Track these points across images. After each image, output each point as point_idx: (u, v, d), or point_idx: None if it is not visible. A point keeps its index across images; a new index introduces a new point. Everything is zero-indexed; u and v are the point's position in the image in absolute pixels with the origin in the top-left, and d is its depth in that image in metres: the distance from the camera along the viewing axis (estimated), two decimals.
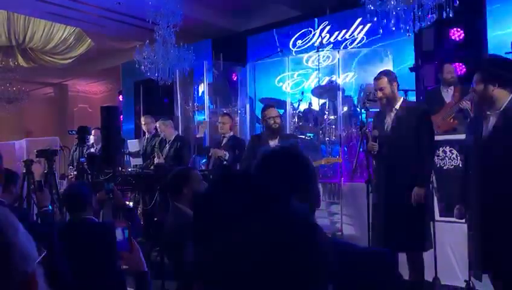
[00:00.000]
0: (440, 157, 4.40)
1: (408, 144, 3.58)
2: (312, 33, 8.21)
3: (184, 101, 8.37)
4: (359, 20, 7.40)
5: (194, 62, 7.12)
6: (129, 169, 6.47)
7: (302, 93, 7.36)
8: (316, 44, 7.87)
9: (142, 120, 7.17)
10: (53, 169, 4.67)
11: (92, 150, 6.84)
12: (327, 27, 7.98)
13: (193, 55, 6.98)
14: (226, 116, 5.78)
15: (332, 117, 6.58)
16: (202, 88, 8.46)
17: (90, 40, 9.88)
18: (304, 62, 7.97)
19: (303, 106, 7.12)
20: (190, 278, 0.67)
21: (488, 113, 3.06)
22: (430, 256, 3.89)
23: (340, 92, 6.58)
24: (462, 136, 4.25)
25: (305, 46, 8.26)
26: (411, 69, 6.19)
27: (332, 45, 7.80)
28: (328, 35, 7.97)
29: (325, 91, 6.89)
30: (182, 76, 7.08)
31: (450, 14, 4.27)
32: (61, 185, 5.96)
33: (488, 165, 2.98)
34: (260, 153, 1.30)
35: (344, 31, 7.80)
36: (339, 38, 7.86)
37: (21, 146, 6.55)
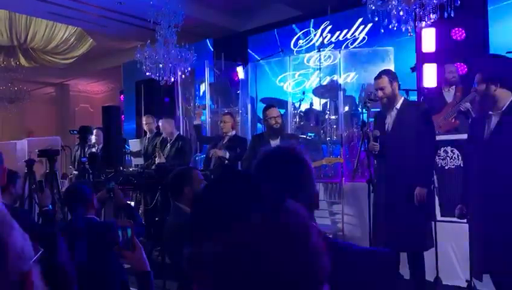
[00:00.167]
0: (441, 157, 4.40)
1: (409, 144, 3.57)
2: (313, 33, 8.22)
3: (185, 101, 8.37)
4: (360, 20, 7.40)
5: (195, 62, 7.12)
6: (130, 169, 6.48)
7: (303, 93, 7.36)
8: (317, 44, 7.88)
9: (144, 120, 7.17)
10: (55, 169, 4.67)
11: (94, 150, 6.85)
12: (328, 27, 7.98)
13: (194, 55, 6.98)
14: (228, 115, 5.78)
15: (333, 117, 6.58)
16: (203, 88, 8.46)
17: (91, 40, 9.89)
18: (305, 62, 7.96)
19: (304, 106, 7.12)
20: (187, 278, 0.66)
21: (490, 113, 3.06)
22: (431, 256, 3.88)
23: (341, 92, 6.58)
24: (464, 136, 4.25)
25: (306, 45, 8.27)
26: (412, 69, 6.17)
27: (333, 45, 7.80)
28: (330, 35, 7.97)
29: (326, 91, 6.89)
30: (183, 76, 7.07)
31: (452, 14, 4.26)
32: (62, 185, 5.97)
33: (490, 165, 2.98)
34: (259, 153, 1.30)
35: (345, 31, 7.81)
36: (340, 38, 7.86)
37: (22, 146, 6.56)
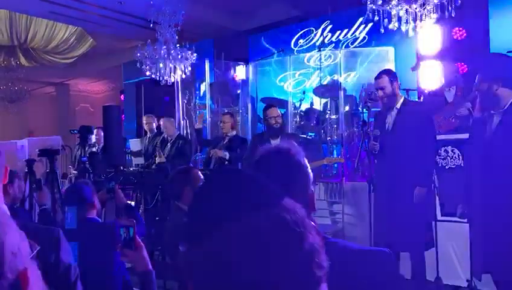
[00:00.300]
0: (442, 156, 4.39)
1: (409, 144, 3.57)
2: (314, 32, 8.21)
3: (186, 101, 8.37)
4: (361, 19, 7.38)
5: (196, 61, 7.11)
6: (131, 168, 6.48)
7: (304, 92, 7.36)
8: (318, 43, 7.87)
9: (144, 119, 7.18)
10: (55, 168, 4.67)
11: (94, 149, 6.85)
12: (329, 26, 7.97)
13: (194, 54, 6.98)
14: (227, 115, 5.77)
15: (333, 116, 6.57)
16: (204, 87, 8.45)
17: (91, 40, 9.87)
18: (306, 61, 7.96)
19: (304, 106, 7.12)
20: (184, 277, 0.66)
21: (492, 112, 3.05)
22: (432, 255, 3.88)
23: (341, 92, 6.57)
24: (465, 135, 4.24)
25: (306, 45, 8.26)
26: (413, 69, 6.17)
27: (333, 44, 7.80)
28: (330, 34, 7.96)
29: (327, 90, 6.89)
30: (184, 75, 7.07)
31: (452, 14, 4.25)
32: (63, 185, 5.98)
33: (491, 164, 2.97)
34: (257, 153, 1.29)
35: (346, 31, 7.80)
36: (341, 37, 7.86)
37: (23, 145, 6.55)
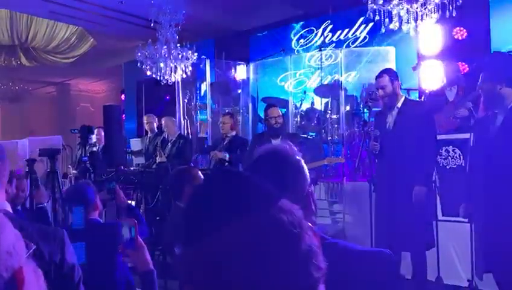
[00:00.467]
0: (443, 156, 4.38)
1: (410, 143, 3.56)
2: (314, 32, 8.21)
3: (186, 101, 8.37)
4: (362, 19, 7.38)
5: (196, 61, 7.11)
6: (131, 168, 6.48)
7: (305, 92, 7.35)
8: (319, 43, 7.87)
9: (145, 119, 7.18)
10: (56, 168, 4.66)
11: (94, 149, 6.85)
12: (329, 26, 7.97)
13: (195, 54, 6.97)
14: (227, 115, 5.75)
15: (334, 116, 6.57)
16: (204, 87, 8.45)
17: (92, 39, 9.87)
18: (306, 61, 7.96)
19: (305, 105, 7.11)
20: (180, 278, 0.66)
21: (496, 111, 3.05)
22: (433, 255, 3.88)
23: (342, 91, 6.57)
24: (466, 135, 4.23)
25: (307, 45, 8.26)
26: (413, 68, 6.16)
27: (334, 44, 7.79)
28: (331, 34, 7.96)
29: (328, 90, 6.88)
30: (184, 75, 7.07)
31: (453, 13, 4.25)
32: (63, 184, 5.97)
33: (495, 163, 2.97)
34: (255, 153, 1.28)
35: (346, 30, 7.80)
36: (342, 37, 7.85)
37: (23, 145, 6.55)
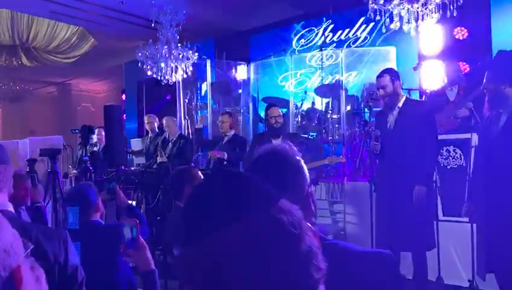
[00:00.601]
0: (444, 156, 4.38)
1: (411, 143, 3.55)
2: (315, 32, 8.21)
3: (187, 100, 8.37)
4: (362, 19, 7.38)
5: (197, 61, 7.12)
6: (132, 168, 6.48)
7: (305, 92, 7.35)
8: (319, 43, 7.87)
9: (145, 119, 7.18)
10: (56, 168, 4.67)
11: (95, 149, 6.85)
12: (330, 26, 7.97)
13: (196, 54, 6.97)
14: (226, 115, 5.75)
15: (335, 116, 6.56)
16: (205, 87, 8.45)
17: (93, 39, 9.87)
18: (307, 61, 7.96)
19: (306, 105, 7.11)
20: (180, 278, 0.66)
21: (500, 111, 3.04)
22: (433, 255, 3.88)
23: (343, 91, 6.56)
24: (466, 135, 4.23)
25: (308, 45, 8.26)
26: (414, 68, 6.16)
27: (335, 44, 7.79)
28: (331, 34, 7.96)
29: (329, 90, 6.87)
30: (185, 75, 7.08)
31: (454, 13, 4.25)
32: (64, 185, 5.98)
33: (497, 163, 2.96)
34: (255, 153, 1.28)
35: (347, 30, 7.79)
36: (342, 37, 7.85)
37: (24, 145, 6.56)
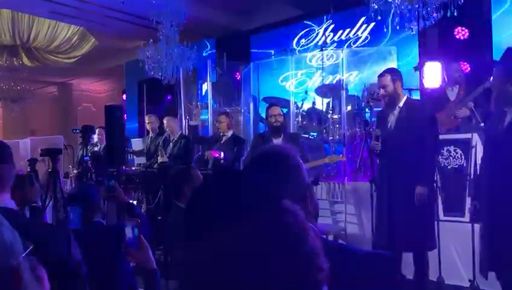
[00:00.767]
0: (444, 156, 4.38)
1: (411, 143, 3.55)
2: (316, 32, 8.20)
3: (187, 100, 8.37)
4: (363, 19, 7.38)
5: (198, 61, 7.12)
6: (133, 168, 6.48)
7: (306, 92, 7.34)
8: (320, 43, 7.86)
9: (146, 119, 7.18)
10: (57, 168, 4.66)
11: (96, 149, 6.86)
12: (331, 26, 7.97)
13: (196, 54, 6.98)
14: (223, 115, 5.76)
15: (336, 116, 6.56)
16: (206, 87, 8.45)
17: (94, 39, 9.88)
18: (308, 61, 7.95)
19: (307, 105, 7.10)
20: (181, 278, 0.66)
21: (505, 110, 3.04)
22: (434, 255, 3.87)
23: (343, 91, 6.56)
24: (467, 135, 4.23)
25: (308, 45, 8.25)
26: (415, 68, 6.16)
27: (336, 44, 7.79)
28: (332, 34, 7.96)
29: (329, 90, 6.87)
30: (186, 75, 7.08)
31: (455, 13, 4.24)
32: (65, 185, 5.98)
33: (501, 162, 2.95)
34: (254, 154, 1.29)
35: (348, 30, 7.79)
36: (343, 37, 7.85)
37: (25, 145, 6.58)
